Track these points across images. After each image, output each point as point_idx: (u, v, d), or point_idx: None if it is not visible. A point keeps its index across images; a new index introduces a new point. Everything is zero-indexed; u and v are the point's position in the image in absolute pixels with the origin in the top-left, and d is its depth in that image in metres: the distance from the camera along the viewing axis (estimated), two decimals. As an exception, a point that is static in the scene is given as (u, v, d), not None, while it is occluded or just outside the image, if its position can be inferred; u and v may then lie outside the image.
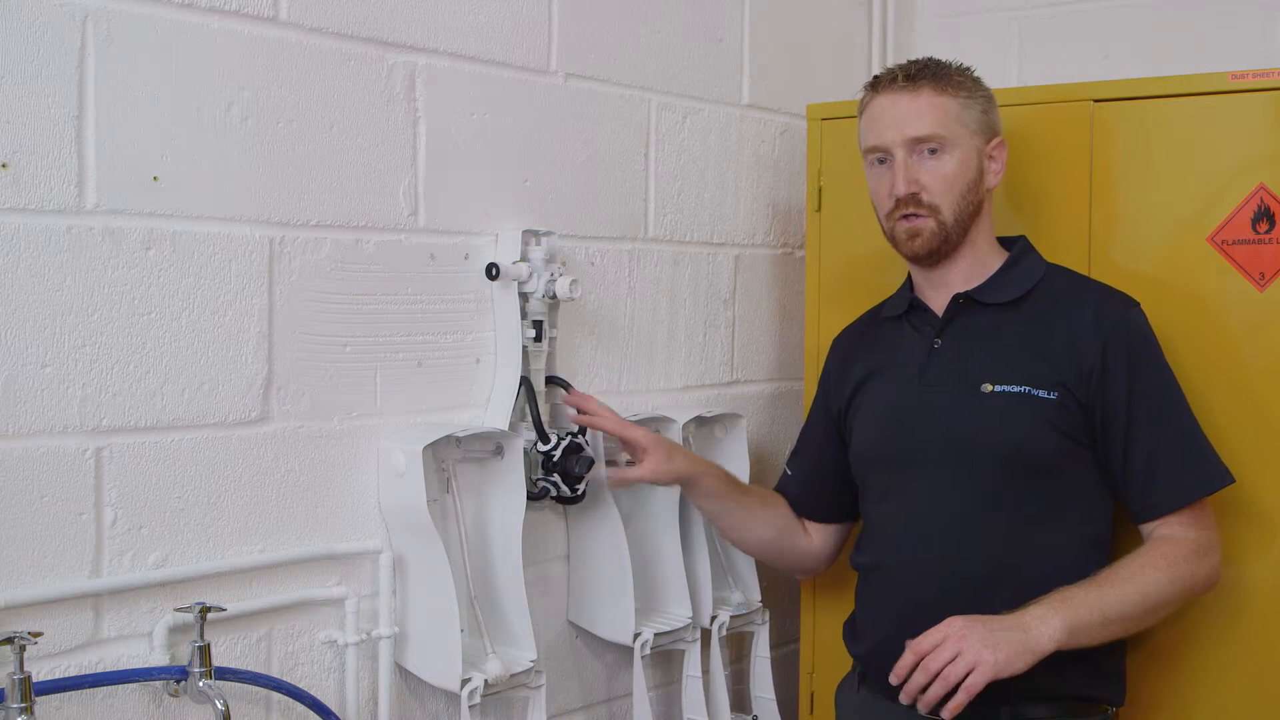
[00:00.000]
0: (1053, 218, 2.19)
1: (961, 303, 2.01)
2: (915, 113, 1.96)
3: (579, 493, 2.07)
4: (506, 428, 2.01)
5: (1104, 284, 2.04)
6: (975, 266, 2.02)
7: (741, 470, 2.37)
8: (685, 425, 2.27)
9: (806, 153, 2.48)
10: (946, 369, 2.00)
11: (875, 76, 2.05)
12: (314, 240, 1.84)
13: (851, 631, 2.10)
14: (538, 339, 2.05)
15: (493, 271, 2.00)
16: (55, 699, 1.58)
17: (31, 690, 1.50)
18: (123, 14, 1.63)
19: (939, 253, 1.99)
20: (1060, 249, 2.16)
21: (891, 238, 2.02)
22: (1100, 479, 1.96)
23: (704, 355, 2.45)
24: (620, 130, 2.27)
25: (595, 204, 2.23)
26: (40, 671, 1.56)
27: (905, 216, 1.97)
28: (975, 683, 1.74)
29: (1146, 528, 1.94)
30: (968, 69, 2.02)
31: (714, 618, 2.30)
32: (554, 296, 2.05)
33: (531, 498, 2.04)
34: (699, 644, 2.29)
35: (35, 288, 1.57)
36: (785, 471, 2.28)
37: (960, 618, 1.80)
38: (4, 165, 1.54)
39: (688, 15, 2.39)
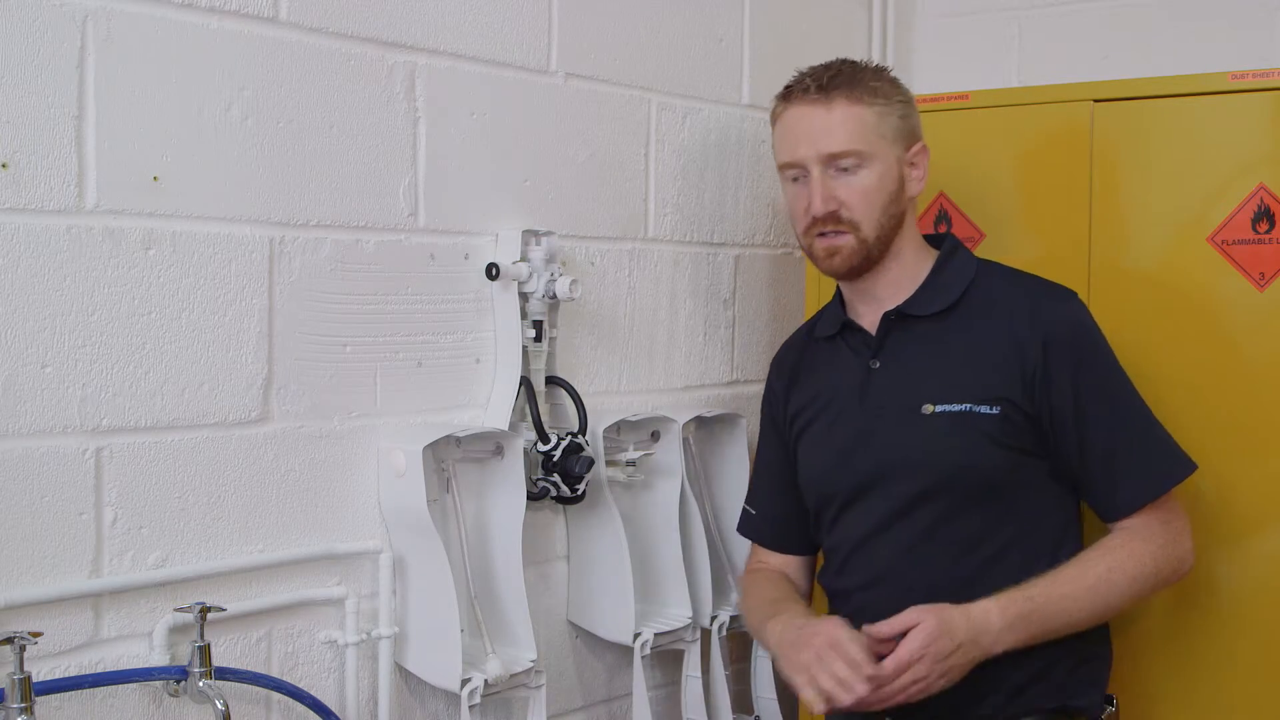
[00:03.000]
0: (1053, 218, 2.19)
1: (893, 319, 1.94)
2: (829, 127, 1.88)
3: (579, 493, 2.07)
4: (506, 428, 2.01)
5: (1038, 277, 1.98)
6: (903, 277, 1.95)
7: (741, 470, 2.37)
8: (685, 425, 2.27)
9: (806, 153, 2.48)
10: (886, 391, 1.93)
11: (787, 85, 1.96)
12: (314, 240, 1.84)
13: None
14: (538, 339, 2.05)
15: (493, 271, 2.00)
16: (55, 699, 1.58)
17: (31, 690, 1.50)
18: (123, 14, 1.63)
19: (859, 269, 1.92)
20: (1060, 249, 2.16)
21: (810, 256, 1.96)
22: (1060, 486, 1.90)
23: (704, 355, 2.45)
24: (620, 130, 2.27)
25: (595, 204, 2.23)
26: (40, 671, 1.56)
27: (823, 234, 1.91)
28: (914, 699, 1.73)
29: (1113, 525, 1.91)
30: (883, 70, 1.95)
31: (714, 618, 2.30)
32: (554, 296, 2.05)
33: (531, 498, 2.04)
34: (699, 644, 2.29)
35: (35, 288, 1.57)
36: (748, 512, 2.18)
37: (932, 621, 1.73)
38: (4, 165, 1.54)
39: (688, 15, 2.39)
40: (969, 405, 1.86)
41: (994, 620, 1.77)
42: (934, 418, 1.87)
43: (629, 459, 2.18)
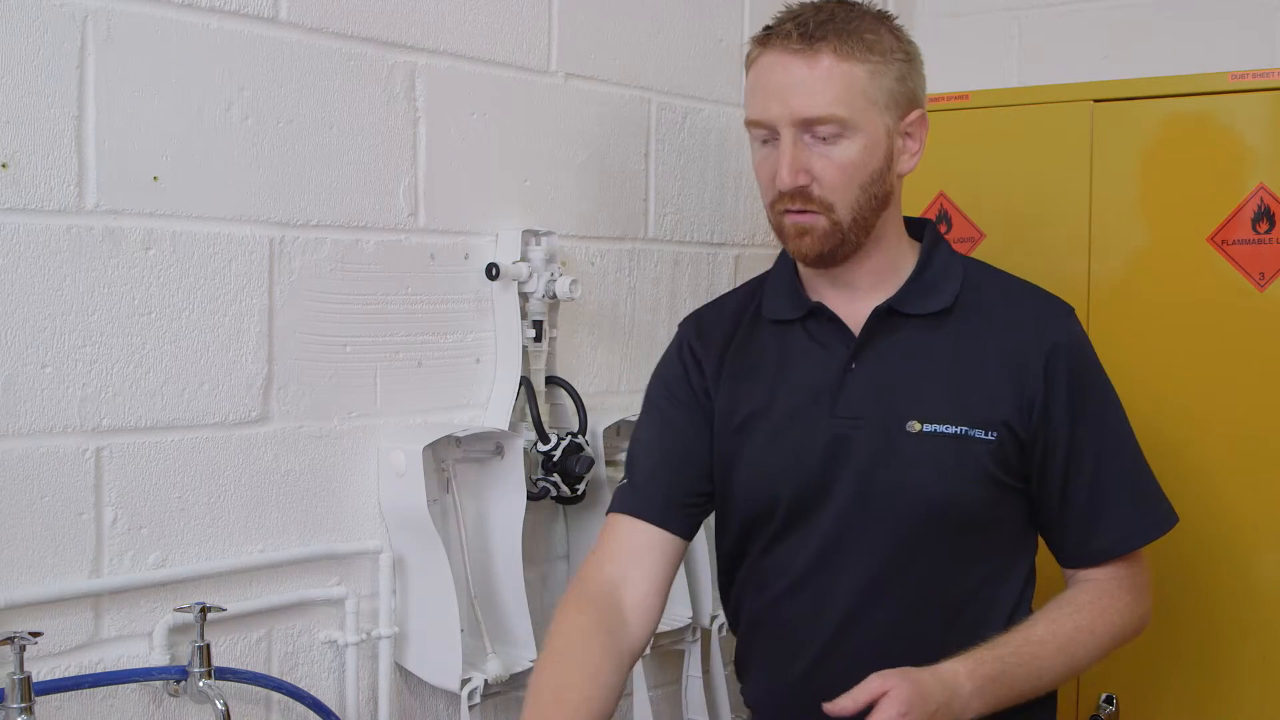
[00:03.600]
0: (1053, 218, 2.19)
1: (884, 315, 1.66)
2: (810, 86, 1.57)
3: (579, 493, 2.07)
4: (506, 428, 2.01)
5: (1031, 284, 1.73)
6: (884, 265, 1.68)
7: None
8: (685, 425, 2.27)
9: (806, 153, 2.48)
10: (864, 400, 1.64)
11: (766, 25, 1.64)
12: (314, 240, 1.84)
13: (743, 677, 1.84)
14: (538, 339, 2.05)
15: (493, 271, 2.00)
16: (55, 699, 1.58)
17: (31, 690, 1.50)
18: (123, 14, 1.63)
19: (833, 255, 1.64)
20: (1060, 249, 2.16)
21: (777, 232, 1.68)
22: (1029, 528, 1.70)
23: (704, 355, 2.45)
24: (620, 130, 2.27)
25: (595, 204, 2.23)
26: (40, 671, 1.56)
27: (791, 210, 1.63)
28: None
29: (1074, 573, 1.69)
30: (885, 17, 1.64)
31: (714, 618, 2.30)
32: (554, 296, 2.05)
33: (531, 498, 2.04)
34: (699, 644, 2.29)
35: (35, 288, 1.57)
36: (625, 487, 1.76)
37: (905, 686, 1.46)
38: (4, 165, 1.54)
39: (688, 15, 2.39)
40: (964, 428, 1.61)
41: (964, 684, 1.52)
42: (921, 439, 1.61)
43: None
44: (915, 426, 1.62)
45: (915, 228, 1.74)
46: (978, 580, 1.66)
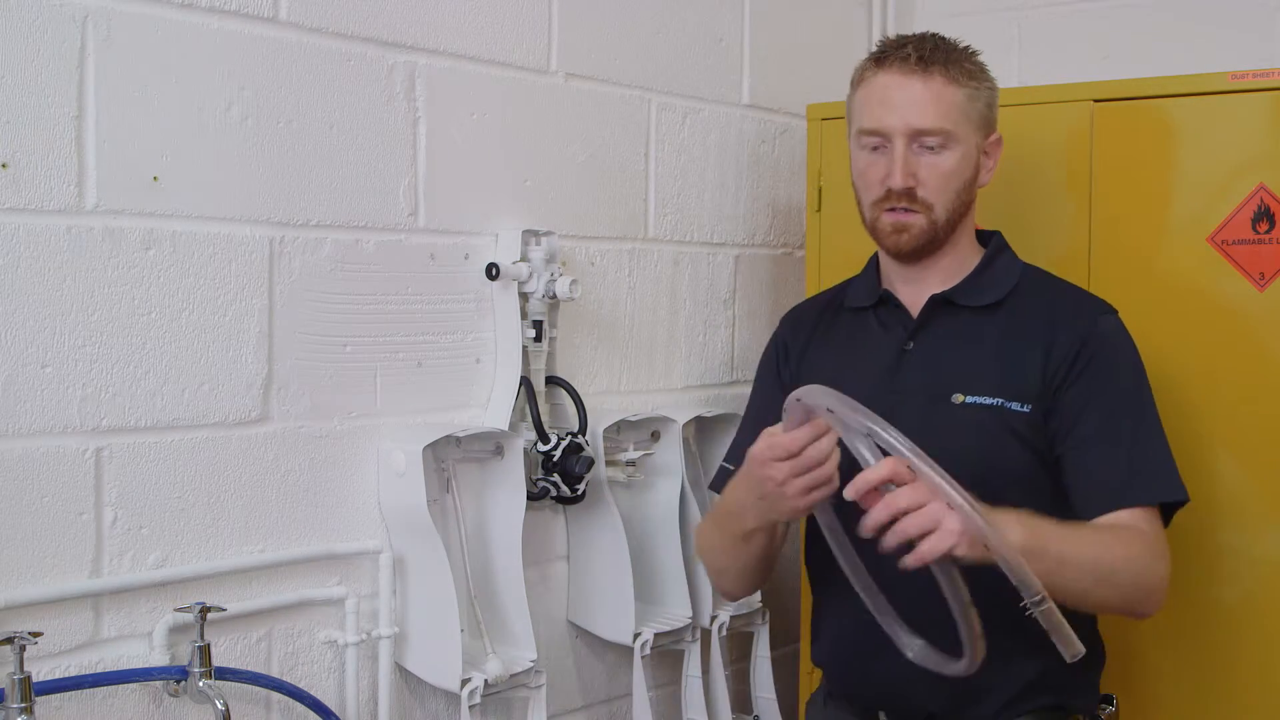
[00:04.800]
0: (1053, 218, 2.19)
1: (939, 303, 1.88)
2: (924, 101, 1.81)
3: (579, 493, 2.07)
4: (506, 428, 2.01)
5: (1082, 289, 1.94)
6: (953, 265, 1.89)
7: (741, 470, 2.36)
8: (685, 425, 2.27)
9: (806, 153, 2.48)
10: (917, 374, 1.86)
11: (881, 48, 1.88)
12: (314, 240, 1.84)
13: (815, 639, 1.98)
14: (538, 339, 2.06)
15: (493, 271, 2.00)
16: (55, 699, 1.58)
17: (31, 690, 1.50)
18: (123, 14, 1.63)
19: (923, 251, 1.86)
20: (1060, 249, 2.16)
21: (873, 228, 1.88)
22: (1063, 501, 1.79)
23: (704, 355, 2.45)
24: (620, 130, 2.27)
25: (595, 204, 2.23)
26: (40, 671, 1.56)
27: (894, 209, 1.84)
28: (934, 548, 1.51)
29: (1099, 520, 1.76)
30: (975, 52, 1.90)
31: (714, 618, 2.30)
32: (554, 296, 2.05)
33: (531, 498, 2.04)
34: (699, 644, 2.29)
35: (35, 288, 1.57)
36: (727, 469, 1.96)
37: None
38: (4, 165, 1.54)
39: (688, 15, 2.39)
40: (1000, 400, 1.80)
41: (1013, 535, 1.55)
42: (963, 408, 1.81)
43: (629, 459, 2.18)
44: (959, 398, 1.82)
45: (985, 238, 1.95)
46: None
